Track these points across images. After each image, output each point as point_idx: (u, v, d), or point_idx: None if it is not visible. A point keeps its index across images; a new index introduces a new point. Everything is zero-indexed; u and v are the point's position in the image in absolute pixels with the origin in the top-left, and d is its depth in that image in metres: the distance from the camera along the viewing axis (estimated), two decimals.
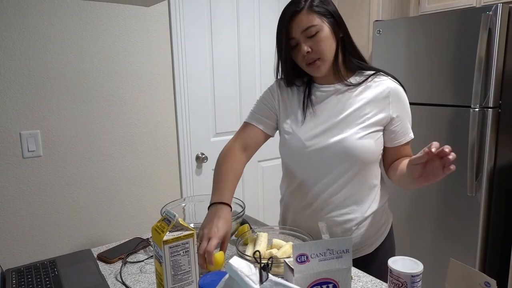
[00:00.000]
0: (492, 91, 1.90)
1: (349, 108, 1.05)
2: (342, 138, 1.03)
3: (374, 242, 1.13)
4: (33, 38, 1.64)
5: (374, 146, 1.04)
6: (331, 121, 1.06)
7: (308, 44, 1.01)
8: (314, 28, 1.00)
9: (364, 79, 1.07)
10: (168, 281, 0.78)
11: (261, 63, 2.38)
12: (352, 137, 1.02)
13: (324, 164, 1.06)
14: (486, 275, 0.64)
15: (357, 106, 1.04)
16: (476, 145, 1.95)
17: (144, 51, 1.93)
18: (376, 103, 1.04)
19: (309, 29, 1.00)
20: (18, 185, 1.67)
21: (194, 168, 2.19)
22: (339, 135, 1.03)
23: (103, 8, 1.78)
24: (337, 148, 1.03)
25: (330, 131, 1.05)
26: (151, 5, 1.17)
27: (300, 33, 1.01)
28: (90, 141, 1.82)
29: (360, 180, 1.06)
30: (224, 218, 0.98)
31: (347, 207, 1.07)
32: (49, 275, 0.96)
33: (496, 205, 2.04)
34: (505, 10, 1.85)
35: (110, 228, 1.93)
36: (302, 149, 1.08)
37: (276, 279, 0.62)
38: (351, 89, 1.06)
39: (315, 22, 1.00)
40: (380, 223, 1.13)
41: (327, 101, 1.08)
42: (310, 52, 1.01)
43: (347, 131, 1.03)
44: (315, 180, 1.08)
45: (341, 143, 1.03)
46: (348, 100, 1.06)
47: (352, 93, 1.06)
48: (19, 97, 1.63)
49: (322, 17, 1.01)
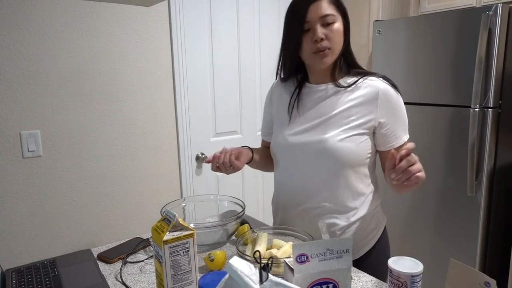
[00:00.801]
0: (492, 91, 1.90)
1: (336, 109, 1.05)
2: (323, 138, 1.03)
3: (362, 247, 1.11)
4: (33, 38, 1.64)
5: (355, 149, 1.02)
6: (316, 121, 1.06)
7: (323, 31, 1.00)
8: (332, 17, 1.00)
9: (355, 80, 1.06)
10: (168, 281, 0.78)
11: (261, 63, 2.38)
12: (333, 138, 1.02)
13: (307, 163, 1.07)
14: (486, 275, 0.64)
15: (344, 108, 1.04)
16: (476, 145, 1.95)
17: (144, 51, 1.93)
18: (364, 106, 1.03)
19: (327, 16, 0.99)
20: (18, 185, 1.67)
21: (194, 168, 2.19)
22: (321, 135, 1.04)
23: (103, 8, 1.78)
24: (318, 148, 1.04)
25: (314, 130, 1.06)
26: (151, 5, 1.17)
27: (318, 18, 0.99)
28: (90, 141, 1.83)
29: (344, 184, 1.05)
30: (243, 149, 1.15)
31: (332, 211, 1.06)
32: (49, 275, 0.96)
33: (496, 205, 2.04)
34: (505, 10, 1.85)
35: (110, 228, 1.93)
36: (286, 145, 1.10)
37: (276, 279, 0.62)
38: (341, 90, 1.06)
39: (334, 12, 1.00)
40: (370, 229, 1.11)
41: (317, 101, 1.09)
42: (324, 40, 1.00)
43: (329, 132, 1.03)
44: (300, 179, 1.09)
45: (322, 143, 1.03)
46: (337, 101, 1.05)
47: (342, 94, 1.06)
48: (19, 97, 1.63)
49: (339, 13, 1.02)
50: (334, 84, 1.07)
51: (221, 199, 1.30)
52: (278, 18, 2.40)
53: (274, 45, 2.41)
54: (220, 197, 1.30)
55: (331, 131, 1.03)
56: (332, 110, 1.05)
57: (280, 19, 2.41)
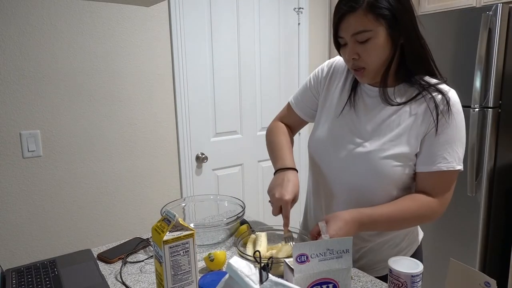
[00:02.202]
0: (492, 91, 1.90)
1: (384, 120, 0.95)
2: (370, 152, 0.95)
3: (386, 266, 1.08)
4: (33, 38, 1.64)
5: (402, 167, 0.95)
6: (364, 130, 0.97)
7: (357, 50, 0.88)
8: (367, 34, 0.85)
9: (410, 98, 0.93)
10: (168, 281, 0.78)
11: (261, 62, 2.38)
12: (377, 153, 0.94)
13: (351, 173, 0.98)
14: (486, 275, 0.64)
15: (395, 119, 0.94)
16: (476, 145, 1.95)
17: (144, 51, 1.93)
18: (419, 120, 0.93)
19: (360, 34, 0.85)
20: (18, 185, 1.67)
21: (194, 168, 2.19)
22: (367, 148, 0.95)
23: (103, 8, 1.78)
24: (364, 162, 0.95)
25: (360, 140, 0.96)
26: (151, 5, 1.17)
27: (350, 36, 0.87)
28: (90, 141, 1.82)
29: (388, 199, 0.97)
30: (293, 182, 0.97)
31: None
32: (49, 275, 0.96)
33: (496, 205, 2.04)
34: (505, 10, 1.85)
35: (110, 228, 1.93)
36: (327, 149, 1.02)
37: (276, 279, 0.62)
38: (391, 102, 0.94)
39: (369, 27, 0.84)
40: (399, 248, 1.05)
41: (368, 104, 0.98)
42: (356, 60, 0.89)
43: (374, 145, 0.94)
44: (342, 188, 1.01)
45: (368, 158, 0.95)
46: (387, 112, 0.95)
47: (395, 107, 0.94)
48: (19, 97, 1.63)
49: (381, 19, 0.84)
50: (382, 95, 0.95)
51: (221, 199, 1.30)
52: (278, 18, 2.40)
53: (274, 45, 2.41)
54: (220, 197, 1.30)
55: (376, 145, 0.94)
56: (382, 120, 0.95)
57: (280, 19, 2.41)
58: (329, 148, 1.01)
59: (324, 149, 1.03)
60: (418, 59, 0.93)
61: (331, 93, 1.06)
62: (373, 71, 0.91)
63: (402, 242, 1.05)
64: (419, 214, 0.94)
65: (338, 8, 0.88)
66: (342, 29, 0.88)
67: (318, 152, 1.05)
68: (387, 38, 0.87)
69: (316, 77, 1.11)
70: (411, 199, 0.95)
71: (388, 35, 0.86)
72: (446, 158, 0.91)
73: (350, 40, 0.88)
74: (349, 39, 0.88)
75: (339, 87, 1.05)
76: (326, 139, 1.02)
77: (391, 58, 0.90)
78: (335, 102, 1.04)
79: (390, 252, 1.04)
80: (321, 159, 1.04)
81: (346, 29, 0.87)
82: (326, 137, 1.03)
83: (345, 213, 0.89)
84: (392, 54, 0.89)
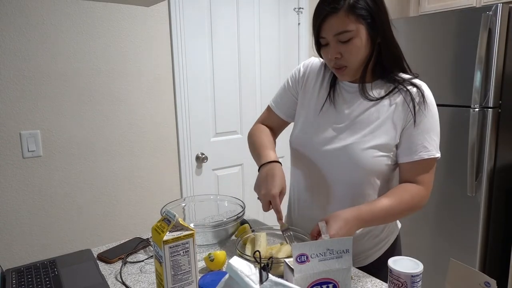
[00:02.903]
0: (492, 91, 1.90)
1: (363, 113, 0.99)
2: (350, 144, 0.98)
3: (368, 256, 1.09)
4: (33, 38, 1.64)
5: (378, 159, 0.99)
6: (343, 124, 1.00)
7: (339, 50, 0.92)
8: (348, 34, 0.89)
9: (388, 92, 0.98)
10: (168, 281, 0.78)
11: (261, 62, 2.38)
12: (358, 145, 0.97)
13: (330, 168, 1.01)
14: (486, 275, 0.64)
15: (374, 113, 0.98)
16: (476, 145, 1.95)
17: (144, 51, 1.93)
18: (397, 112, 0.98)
19: (343, 34, 0.89)
20: (18, 185, 1.67)
21: (194, 168, 2.19)
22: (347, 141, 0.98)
23: (103, 8, 1.78)
24: (344, 154, 0.99)
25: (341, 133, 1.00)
26: (151, 5, 1.17)
27: (332, 36, 0.91)
28: (90, 141, 1.82)
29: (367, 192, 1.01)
30: (278, 175, 0.98)
31: None
32: (49, 275, 0.96)
33: (496, 205, 2.04)
34: (505, 10, 1.85)
35: (110, 228, 1.93)
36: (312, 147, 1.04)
37: (276, 279, 0.62)
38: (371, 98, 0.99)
39: (351, 27, 0.88)
40: (379, 239, 1.09)
41: (348, 99, 1.02)
42: (339, 58, 0.93)
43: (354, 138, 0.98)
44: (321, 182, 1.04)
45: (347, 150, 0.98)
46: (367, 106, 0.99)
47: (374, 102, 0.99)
48: (19, 97, 1.63)
49: (361, 20, 0.89)
50: (361, 90, 0.99)
51: (221, 199, 1.30)
52: (278, 18, 2.40)
53: (274, 45, 2.41)
54: (220, 197, 1.31)
55: (356, 137, 0.98)
56: (362, 114, 0.99)
57: (280, 19, 2.41)
58: (310, 143, 1.04)
59: (306, 145, 1.06)
60: (393, 57, 0.98)
61: (309, 92, 1.10)
62: (353, 69, 0.95)
63: (381, 234, 1.09)
64: (413, 204, 0.98)
65: (319, 9, 0.91)
66: (324, 30, 0.91)
67: (300, 149, 1.08)
68: (367, 37, 0.92)
69: (293, 78, 1.15)
70: (403, 189, 0.98)
71: (368, 35, 0.91)
72: (426, 147, 0.96)
73: (332, 40, 0.91)
74: (331, 39, 0.91)
75: (317, 85, 1.08)
76: (308, 135, 1.05)
77: (370, 57, 0.95)
78: (314, 99, 1.07)
79: (371, 243, 1.08)
80: (303, 155, 1.07)
81: (329, 30, 0.90)
82: (307, 134, 1.06)
83: (345, 212, 0.90)
84: (371, 53, 0.95)
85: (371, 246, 1.09)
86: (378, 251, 1.10)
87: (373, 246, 1.09)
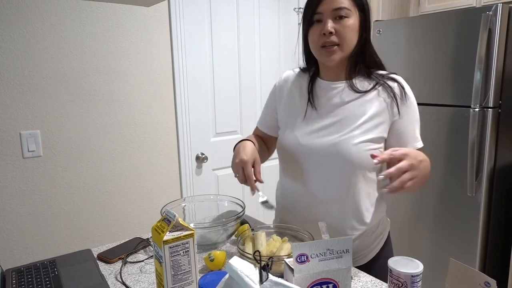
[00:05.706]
0: (492, 91, 1.90)
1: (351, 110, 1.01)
2: (337, 141, 1.00)
3: (367, 254, 1.10)
4: (33, 38, 1.64)
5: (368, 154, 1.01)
6: (328, 121, 1.02)
7: (334, 25, 0.95)
8: (345, 11, 0.94)
9: (373, 86, 1.02)
10: (168, 281, 0.78)
11: (261, 62, 2.38)
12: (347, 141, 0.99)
13: (319, 167, 1.03)
14: (486, 275, 0.64)
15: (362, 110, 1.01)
16: (476, 145, 1.95)
17: (144, 51, 1.93)
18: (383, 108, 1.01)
19: (341, 10, 0.94)
20: (18, 185, 1.67)
21: (194, 168, 2.19)
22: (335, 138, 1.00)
23: (103, 8, 1.78)
24: (331, 151, 1.00)
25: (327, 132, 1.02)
26: (151, 5, 1.17)
27: (330, 11, 0.95)
28: (90, 141, 1.83)
29: (358, 191, 1.02)
30: (249, 146, 1.03)
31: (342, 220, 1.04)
32: (49, 275, 0.96)
33: (496, 205, 2.04)
34: (505, 10, 1.85)
35: (110, 228, 1.93)
36: (299, 148, 1.05)
37: (276, 279, 0.62)
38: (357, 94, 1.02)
39: (349, 6, 0.95)
40: (376, 235, 1.09)
41: (332, 99, 1.04)
42: (333, 34, 0.95)
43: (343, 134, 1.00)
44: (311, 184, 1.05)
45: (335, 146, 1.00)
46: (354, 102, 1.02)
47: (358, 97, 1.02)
48: (19, 97, 1.63)
49: (356, 7, 0.96)
50: (349, 86, 1.02)
51: (221, 199, 1.30)
52: (278, 18, 2.40)
53: (274, 45, 2.41)
54: (220, 197, 1.31)
55: (345, 133, 0.99)
56: (347, 112, 1.01)
57: (280, 19, 2.41)
58: (300, 146, 1.06)
59: (296, 148, 1.07)
60: (373, 56, 1.04)
61: (289, 102, 1.12)
62: (344, 51, 0.98)
63: (377, 229, 1.10)
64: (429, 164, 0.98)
65: None
66: (324, 3, 0.95)
67: (290, 152, 1.09)
68: (359, 26, 0.98)
69: (272, 95, 1.20)
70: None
71: (360, 24, 0.98)
72: (417, 137, 1.03)
73: (329, 15, 0.95)
74: (328, 14, 0.95)
75: (296, 95, 1.11)
76: (297, 139, 1.06)
77: (356, 50, 1.00)
78: (297, 107, 1.10)
79: (368, 240, 1.08)
80: (294, 157, 1.08)
81: (329, 3, 0.95)
82: (297, 138, 1.07)
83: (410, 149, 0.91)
84: (357, 46, 1.00)
85: (369, 244, 1.09)
86: (375, 248, 1.11)
87: (370, 243, 1.09)
